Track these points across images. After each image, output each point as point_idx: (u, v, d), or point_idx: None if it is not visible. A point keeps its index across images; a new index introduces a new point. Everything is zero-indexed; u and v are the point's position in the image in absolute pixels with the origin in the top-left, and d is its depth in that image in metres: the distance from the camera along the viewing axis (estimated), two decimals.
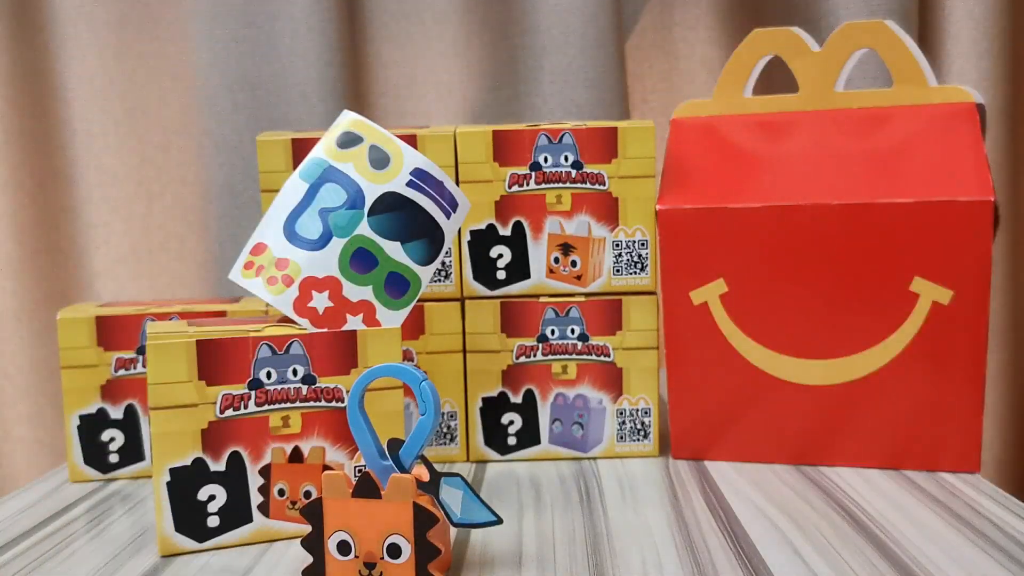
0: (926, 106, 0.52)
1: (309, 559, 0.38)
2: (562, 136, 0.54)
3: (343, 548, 0.38)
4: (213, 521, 0.43)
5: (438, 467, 0.53)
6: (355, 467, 0.45)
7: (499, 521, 0.38)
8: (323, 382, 0.44)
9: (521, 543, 0.43)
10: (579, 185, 0.55)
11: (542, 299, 0.55)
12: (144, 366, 0.54)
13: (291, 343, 0.43)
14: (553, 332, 0.55)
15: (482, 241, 0.55)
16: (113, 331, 0.54)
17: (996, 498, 0.47)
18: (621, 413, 0.56)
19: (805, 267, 0.51)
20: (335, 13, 0.81)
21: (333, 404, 0.44)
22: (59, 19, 0.83)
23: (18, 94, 0.84)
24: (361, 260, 0.45)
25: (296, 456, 0.44)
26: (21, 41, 0.84)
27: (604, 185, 0.54)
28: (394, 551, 0.37)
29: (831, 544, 0.41)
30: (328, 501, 0.38)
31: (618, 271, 0.55)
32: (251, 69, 0.83)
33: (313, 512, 0.38)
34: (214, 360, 0.42)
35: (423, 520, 0.37)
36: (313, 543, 0.38)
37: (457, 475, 0.38)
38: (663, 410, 0.63)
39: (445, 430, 0.56)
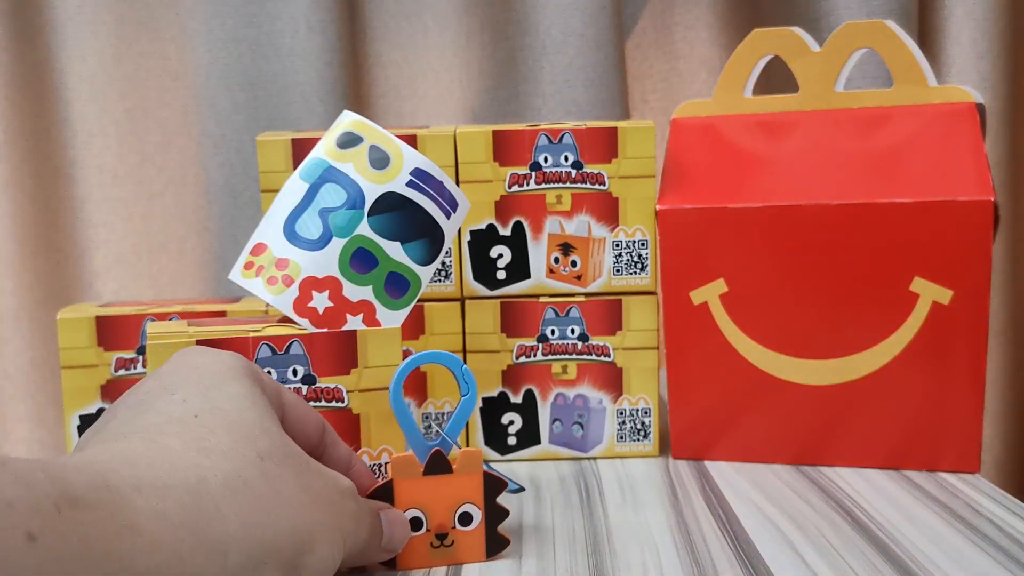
0: (926, 106, 0.52)
1: None
2: (562, 136, 0.54)
3: (415, 524, 0.40)
4: None
5: None
6: None
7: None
8: (323, 382, 0.44)
9: (521, 543, 0.43)
10: (579, 185, 0.55)
11: (542, 299, 0.55)
12: (144, 366, 0.54)
13: (291, 343, 0.43)
14: (553, 332, 0.55)
15: (482, 241, 0.55)
16: (113, 331, 0.54)
17: (996, 498, 0.47)
18: (621, 413, 0.56)
19: (805, 267, 0.51)
20: (335, 13, 0.81)
21: (333, 404, 0.44)
22: (59, 19, 0.82)
23: (18, 94, 0.84)
24: (361, 260, 0.45)
25: None
26: (21, 41, 0.84)
27: (604, 185, 0.54)
28: (465, 519, 0.40)
29: (831, 544, 0.41)
30: (399, 482, 0.39)
31: (618, 271, 0.55)
32: (251, 69, 0.83)
33: (384, 495, 0.39)
34: None
35: (493, 486, 0.40)
36: None
37: None
38: (663, 410, 0.63)
39: None
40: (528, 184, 0.55)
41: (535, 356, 0.55)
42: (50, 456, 0.86)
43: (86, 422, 0.54)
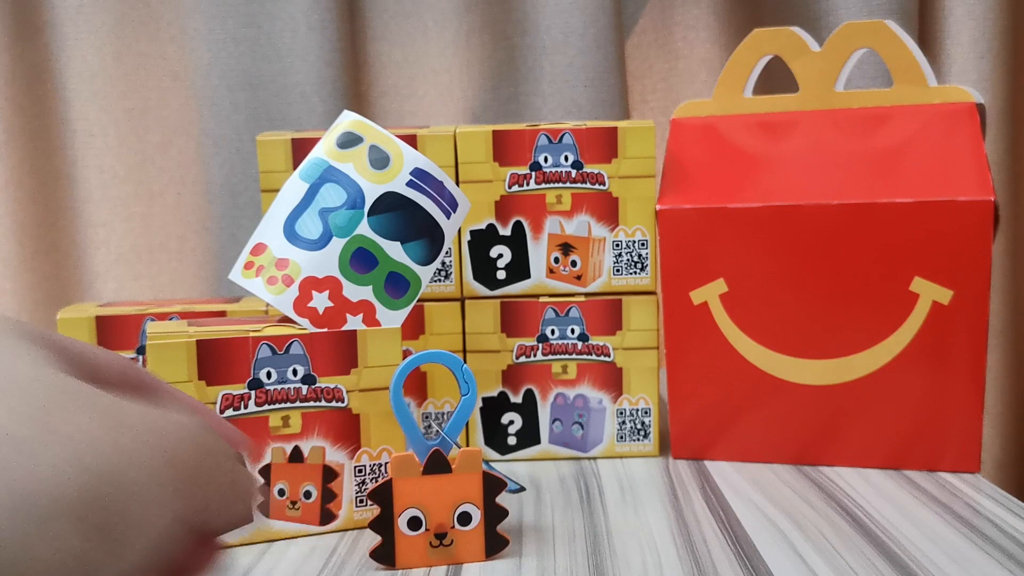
0: (926, 106, 0.52)
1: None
2: (562, 136, 0.54)
3: (413, 524, 0.40)
4: None
5: None
6: (354, 467, 0.45)
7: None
8: (323, 382, 0.44)
9: (521, 543, 0.43)
10: (579, 185, 0.55)
11: (542, 299, 0.55)
12: (145, 366, 0.54)
13: (291, 343, 0.43)
14: (553, 332, 0.55)
15: (482, 241, 0.55)
16: (113, 331, 0.54)
17: (996, 498, 0.47)
18: (621, 413, 0.56)
19: (805, 267, 0.51)
20: (335, 13, 0.81)
21: (333, 404, 0.44)
22: (59, 19, 0.82)
23: (18, 94, 0.84)
24: (361, 260, 0.45)
25: (296, 456, 0.44)
26: (21, 41, 0.84)
27: (604, 185, 0.54)
28: (464, 519, 0.40)
29: (831, 544, 0.41)
30: (398, 481, 0.40)
31: (618, 271, 0.55)
32: (251, 69, 0.83)
33: (383, 494, 0.39)
34: (214, 360, 0.42)
35: (492, 486, 0.40)
36: (382, 524, 0.40)
37: None
38: (663, 410, 0.63)
39: None
40: (528, 184, 0.55)
41: (535, 356, 0.55)
42: None
43: None
